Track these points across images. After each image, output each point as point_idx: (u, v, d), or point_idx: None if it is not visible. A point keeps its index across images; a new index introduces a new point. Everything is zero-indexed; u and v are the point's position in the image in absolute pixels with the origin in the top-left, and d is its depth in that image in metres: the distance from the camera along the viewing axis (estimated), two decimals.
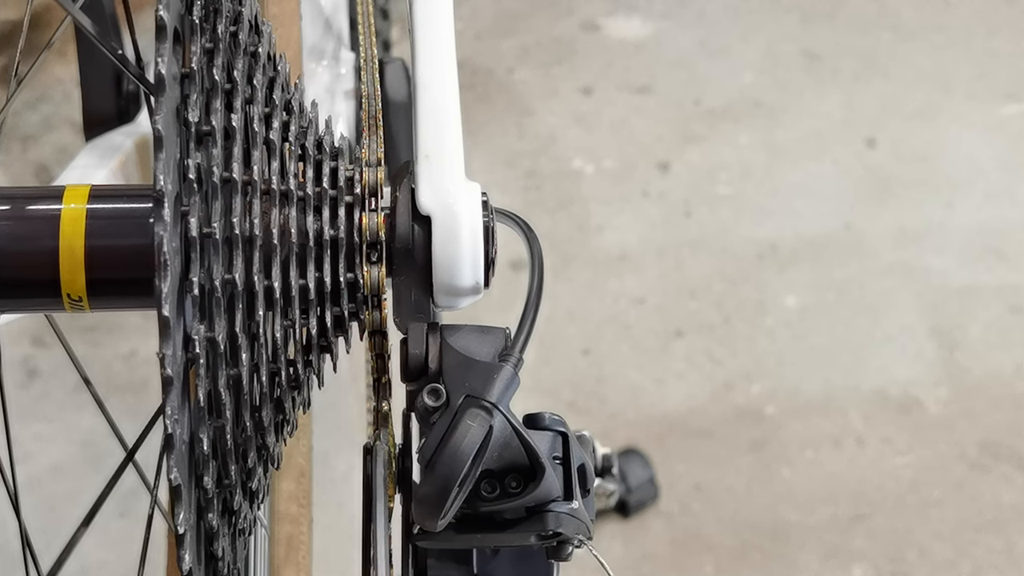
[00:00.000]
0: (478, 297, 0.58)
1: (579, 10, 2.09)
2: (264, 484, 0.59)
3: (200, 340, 0.51)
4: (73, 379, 1.54)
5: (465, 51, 1.98)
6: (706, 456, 1.55)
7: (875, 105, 1.93)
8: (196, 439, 0.51)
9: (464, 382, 0.54)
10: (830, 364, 1.63)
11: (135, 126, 1.10)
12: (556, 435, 0.56)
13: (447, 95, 0.59)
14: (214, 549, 0.54)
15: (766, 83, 1.97)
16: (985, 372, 1.62)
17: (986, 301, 1.69)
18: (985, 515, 1.50)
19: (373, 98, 0.63)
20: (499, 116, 1.93)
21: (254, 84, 0.55)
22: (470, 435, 0.53)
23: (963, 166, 1.86)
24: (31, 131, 1.86)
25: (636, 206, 1.81)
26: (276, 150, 0.55)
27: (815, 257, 1.74)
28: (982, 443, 1.56)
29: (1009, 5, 2.09)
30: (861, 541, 1.48)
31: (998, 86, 1.96)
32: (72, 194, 0.56)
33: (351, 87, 1.18)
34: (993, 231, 1.77)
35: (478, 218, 0.56)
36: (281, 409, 0.56)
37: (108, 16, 1.08)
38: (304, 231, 0.54)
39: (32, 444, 1.52)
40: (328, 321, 0.56)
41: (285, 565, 0.87)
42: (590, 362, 1.64)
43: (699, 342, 1.65)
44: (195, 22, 0.54)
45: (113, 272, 0.55)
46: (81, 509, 0.59)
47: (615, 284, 1.72)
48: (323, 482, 1.09)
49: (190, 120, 0.52)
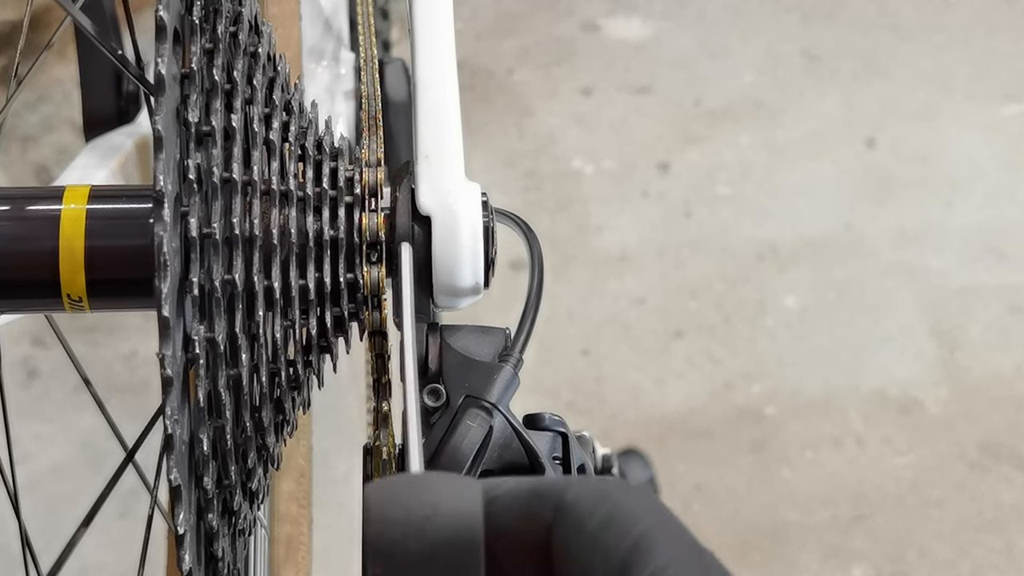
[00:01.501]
0: (478, 297, 0.58)
1: (579, 10, 2.09)
2: (264, 484, 0.59)
3: (200, 340, 0.51)
4: (73, 379, 1.54)
5: (465, 51, 1.98)
6: (706, 456, 1.55)
7: (875, 105, 1.94)
8: (196, 439, 0.51)
9: (464, 382, 0.54)
10: (830, 364, 1.63)
11: (135, 126, 1.09)
12: (556, 435, 0.56)
13: (447, 95, 0.59)
14: (214, 549, 0.54)
15: (766, 83, 1.97)
16: (985, 372, 1.62)
17: (986, 301, 1.69)
18: (985, 515, 1.50)
19: (373, 98, 0.63)
20: (499, 116, 1.93)
21: (254, 84, 0.55)
22: (470, 435, 0.53)
23: (963, 166, 1.86)
24: (31, 132, 1.86)
25: (636, 206, 1.81)
26: (276, 150, 0.55)
27: (815, 257, 1.74)
28: (982, 443, 1.56)
29: (1009, 5, 2.09)
30: (861, 541, 1.48)
31: (998, 86, 1.96)
32: (72, 194, 0.56)
33: (351, 87, 1.18)
34: (993, 231, 1.77)
35: (478, 218, 0.56)
36: (281, 409, 0.56)
37: (108, 16, 1.08)
38: (304, 231, 0.54)
39: (32, 444, 1.52)
40: (328, 321, 0.56)
41: (285, 565, 0.87)
42: (590, 362, 1.64)
43: (699, 342, 1.65)
44: (195, 22, 0.54)
45: (113, 272, 0.55)
46: (81, 509, 0.59)
47: (615, 284, 1.72)
48: (323, 482, 1.09)
49: (190, 120, 0.52)
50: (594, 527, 0.37)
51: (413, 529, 0.37)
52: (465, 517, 0.37)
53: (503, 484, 0.40)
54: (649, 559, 0.36)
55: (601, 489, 0.38)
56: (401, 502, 0.37)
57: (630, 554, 0.36)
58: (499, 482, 0.40)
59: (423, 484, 0.38)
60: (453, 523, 0.37)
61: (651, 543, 0.36)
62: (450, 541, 0.37)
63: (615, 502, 0.38)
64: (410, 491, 0.37)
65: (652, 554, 0.36)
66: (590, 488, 0.38)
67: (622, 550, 0.36)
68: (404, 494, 0.37)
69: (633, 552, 0.36)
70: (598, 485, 0.39)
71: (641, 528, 0.37)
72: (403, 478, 0.38)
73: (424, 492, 0.37)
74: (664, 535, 0.37)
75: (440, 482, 0.38)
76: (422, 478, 0.38)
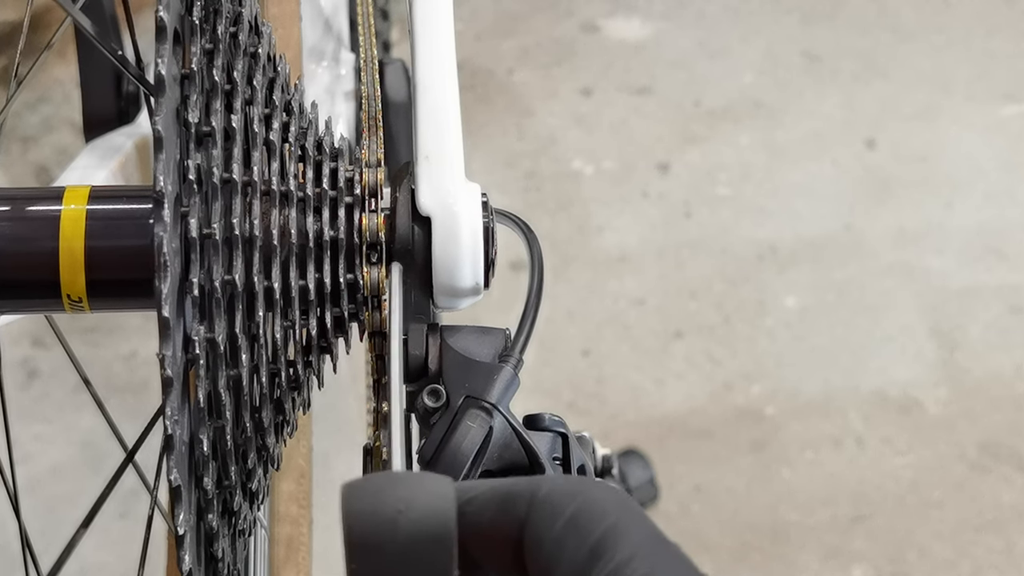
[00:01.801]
0: (478, 298, 0.58)
1: (579, 11, 2.09)
2: (264, 485, 0.59)
3: (200, 341, 0.51)
4: (73, 380, 1.54)
5: (465, 52, 1.98)
6: (706, 457, 1.55)
7: (875, 106, 1.94)
8: (196, 440, 0.51)
9: (464, 383, 0.54)
10: (830, 365, 1.63)
11: (135, 127, 1.09)
12: (556, 436, 0.56)
13: (447, 96, 0.59)
14: (214, 550, 0.54)
15: (766, 84, 1.97)
16: (985, 373, 1.62)
17: (986, 301, 1.69)
18: (985, 515, 1.50)
19: (373, 99, 0.63)
20: (499, 117, 1.93)
21: (254, 85, 0.55)
22: (470, 436, 0.53)
23: (963, 166, 1.86)
24: (31, 132, 1.86)
25: (636, 207, 1.81)
26: (276, 151, 0.55)
27: (815, 258, 1.74)
28: (982, 444, 1.56)
29: (1009, 6, 2.09)
30: (861, 542, 1.48)
31: (998, 87, 1.96)
32: (72, 195, 0.56)
33: (351, 88, 1.18)
34: (993, 231, 1.77)
35: (478, 219, 0.56)
36: (281, 410, 0.56)
37: (108, 17, 1.08)
38: (304, 232, 0.54)
39: (32, 445, 1.52)
40: (328, 322, 0.56)
41: (285, 566, 0.87)
42: (590, 363, 1.64)
43: (699, 343, 1.65)
44: (195, 23, 0.54)
45: (113, 273, 0.55)
46: (81, 510, 0.59)
47: (615, 285, 1.72)
48: (323, 483, 1.09)
49: (190, 121, 0.52)
50: (564, 522, 0.39)
51: (386, 525, 0.38)
52: (437, 514, 0.38)
53: (480, 485, 0.41)
54: (615, 551, 0.38)
55: (571, 486, 0.40)
56: (374, 499, 0.38)
57: (598, 545, 0.38)
58: (476, 484, 0.41)
59: (397, 482, 0.39)
60: (425, 519, 0.38)
61: (618, 535, 0.38)
62: (422, 536, 0.38)
63: (585, 498, 0.39)
64: (384, 488, 0.39)
65: (618, 546, 0.38)
66: (561, 486, 0.40)
67: (591, 542, 0.38)
68: (377, 491, 0.38)
69: (600, 543, 0.38)
70: (569, 482, 0.40)
71: (609, 522, 0.39)
72: (378, 476, 0.39)
73: (398, 489, 0.39)
74: (631, 527, 0.38)
75: (413, 480, 0.39)
76: (396, 476, 0.40)
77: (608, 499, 0.39)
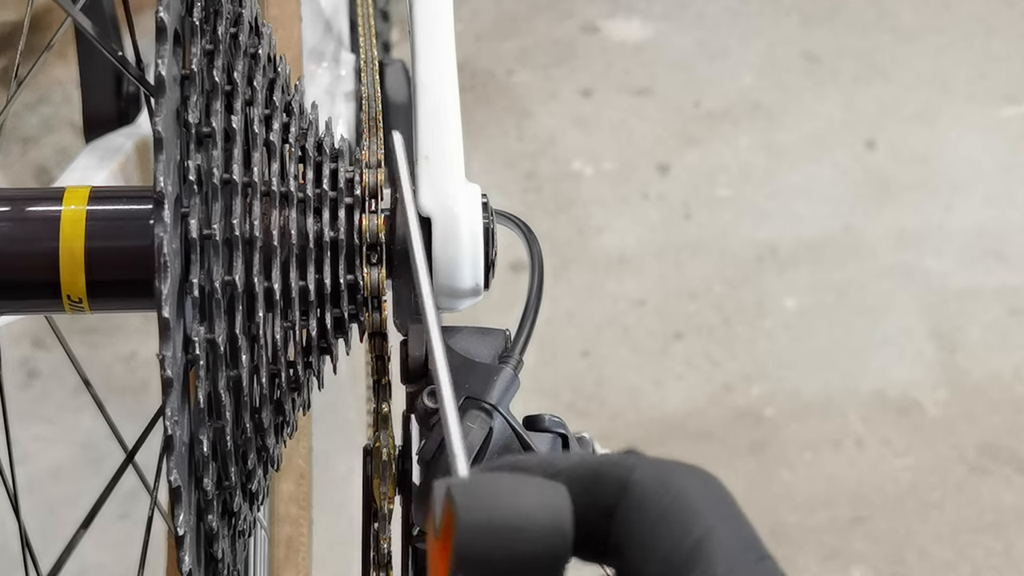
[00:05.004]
0: (478, 299, 0.58)
1: (579, 12, 2.09)
2: (264, 486, 0.59)
3: (200, 342, 0.51)
4: (73, 380, 1.54)
5: (465, 53, 1.98)
6: (705, 458, 1.55)
7: (874, 107, 1.94)
8: (196, 441, 0.51)
9: (464, 384, 0.54)
10: (829, 366, 1.63)
11: (135, 128, 1.09)
12: (556, 437, 0.56)
13: (447, 96, 0.59)
14: (214, 551, 0.54)
15: (766, 85, 1.97)
16: (984, 374, 1.63)
17: (986, 303, 1.69)
18: (984, 517, 1.50)
19: (373, 100, 0.63)
20: (499, 118, 1.93)
21: (254, 86, 0.55)
22: (470, 437, 0.53)
23: (962, 168, 1.86)
24: (31, 133, 1.86)
25: (636, 208, 1.81)
26: (276, 152, 0.55)
27: (814, 259, 1.74)
28: (981, 445, 1.56)
29: (1008, 7, 2.09)
30: (860, 543, 1.48)
31: (997, 88, 1.96)
32: (72, 196, 0.56)
33: (351, 89, 1.18)
34: (993, 233, 1.77)
35: (478, 220, 0.56)
36: (281, 411, 0.56)
37: (108, 17, 1.08)
38: (304, 233, 0.54)
39: (32, 445, 1.52)
40: (328, 323, 0.56)
41: (285, 567, 0.87)
42: (590, 364, 1.64)
43: (698, 344, 1.65)
44: (195, 24, 0.54)
45: (113, 274, 0.55)
46: (81, 511, 0.59)
47: (615, 286, 1.72)
48: (323, 484, 1.09)
49: (190, 122, 0.52)
50: (657, 517, 0.37)
51: (504, 541, 0.36)
52: (556, 533, 0.36)
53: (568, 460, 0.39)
54: (709, 564, 0.36)
55: (664, 473, 0.38)
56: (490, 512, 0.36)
57: (692, 552, 0.36)
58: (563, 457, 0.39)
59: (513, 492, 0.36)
60: (544, 536, 0.36)
61: (715, 544, 0.36)
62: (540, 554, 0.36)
63: (680, 489, 0.38)
64: (499, 497, 0.36)
65: (713, 559, 0.36)
66: (652, 472, 0.38)
67: (685, 546, 0.36)
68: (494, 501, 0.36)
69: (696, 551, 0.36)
70: (660, 469, 0.38)
71: (705, 526, 0.37)
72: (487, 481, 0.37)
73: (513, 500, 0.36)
74: (728, 535, 0.37)
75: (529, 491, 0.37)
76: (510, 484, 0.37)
77: (704, 496, 0.38)
